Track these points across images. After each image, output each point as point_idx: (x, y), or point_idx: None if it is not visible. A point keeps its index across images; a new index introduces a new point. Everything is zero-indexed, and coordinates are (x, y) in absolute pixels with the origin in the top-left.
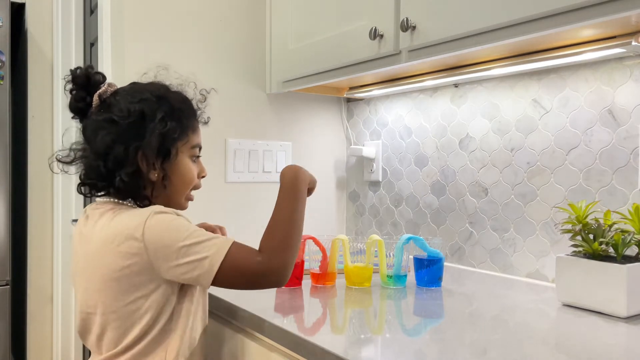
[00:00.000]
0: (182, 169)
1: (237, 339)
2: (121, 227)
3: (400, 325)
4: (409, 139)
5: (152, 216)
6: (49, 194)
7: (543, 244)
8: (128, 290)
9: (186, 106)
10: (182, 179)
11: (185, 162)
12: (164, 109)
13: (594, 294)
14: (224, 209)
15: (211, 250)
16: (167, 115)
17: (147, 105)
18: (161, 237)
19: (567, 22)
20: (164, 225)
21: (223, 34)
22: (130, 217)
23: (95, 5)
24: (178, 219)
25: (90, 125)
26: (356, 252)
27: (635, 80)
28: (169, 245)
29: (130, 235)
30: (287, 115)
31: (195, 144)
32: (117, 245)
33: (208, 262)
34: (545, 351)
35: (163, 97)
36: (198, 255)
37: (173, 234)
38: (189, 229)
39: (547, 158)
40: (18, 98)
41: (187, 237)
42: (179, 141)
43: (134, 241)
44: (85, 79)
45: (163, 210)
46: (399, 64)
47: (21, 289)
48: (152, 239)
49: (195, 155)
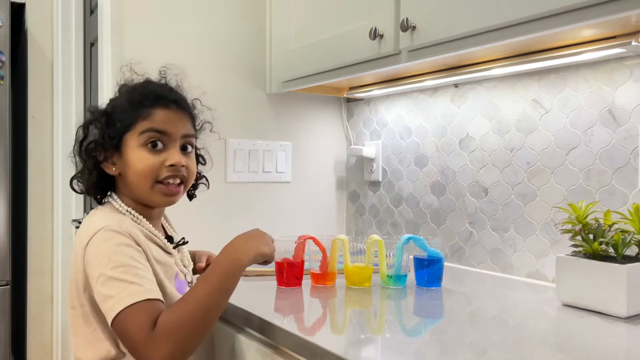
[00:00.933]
0: (131, 160)
1: (237, 339)
2: (82, 230)
3: (400, 325)
4: (409, 139)
5: (103, 232)
6: (49, 194)
7: (543, 244)
8: (85, 290)
9: (135, 94)
10: (133, 169)
11: (134, 151)
12: (114, 102)
13: (594, 294)
14: (224, 209)
15: (120, 295)
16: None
17: (110, 103)
18: (94, 257)
19: (567, 22)
20: (104, 246)
21: (223, 34)
22: (94, 222)
23: (95, 5)
24: (122, 246)
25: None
26: (356, 252)
27: (635, 80)
28: (95, 266)
29: (81, 242)
30: (287, 115)
31: (145, 128)
32: (76, 245)
33: (111, 303)
34: (545, 351)
35: (127, 91)
36: (109, 291)
37: (105, 259)
38: (121, 261)
39: (547, 158)
40: (18, 98)
41: (113, 269)
42: (125, 132)
43: (81, 248)
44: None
45: (116, 230)
46: (399, 64)
47: (21, 289)
48: (89, 254)
49: (149, 141)
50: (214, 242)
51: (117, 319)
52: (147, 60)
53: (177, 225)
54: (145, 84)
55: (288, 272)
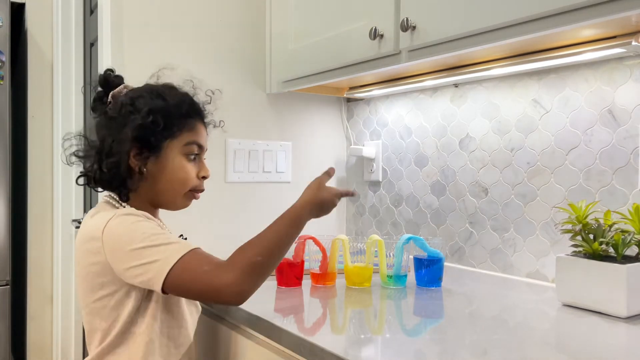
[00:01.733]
0: (172, 166)
1: (237, 339)
2: (90, 226)
3: (400, 325)
4: (409, 139)
5: (115, 217)
6: (49, 194)
7: (543, 244)
8: (94, 287)
9: (184, 104)
10: (170, 176)
11: (175, 159)
12: (154, 103)
13: (594, 294)
14: (224, 209)
15: (164, 254)
16: (155, 110)
17: (141, 101)
18: (118, 238)
19: (567, 22)
20: (123, 227)
21: (223, 34)
22: (100, 216)
23: (95, 5)
24: (141, 221)
25: (97, 121)
26: (356, 252)
27: (635, 80)
28: (123, 247)
29: (93, 234)
30: (287, 115)
31: (190, 141)
32: (84, 243)
33: (158, 265)
34: (545, 351)
35: (160, 94)
36: (150, 258)
37: (129, 236)
38: (147, 232)
39: (547, 158)
40: (18, 98)
41: (142, 240)
42: (168, 137)
43: (95, 241)
44: (103, 80)
45: (130, 212)
46: (399, 64)
47: (21, 289)
48: (109, 239)
49: (191, 153)
50: (214, 241)
51: (170, 277)
52: (147, 61)
53: (178, 224)
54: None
55: (288, 272)
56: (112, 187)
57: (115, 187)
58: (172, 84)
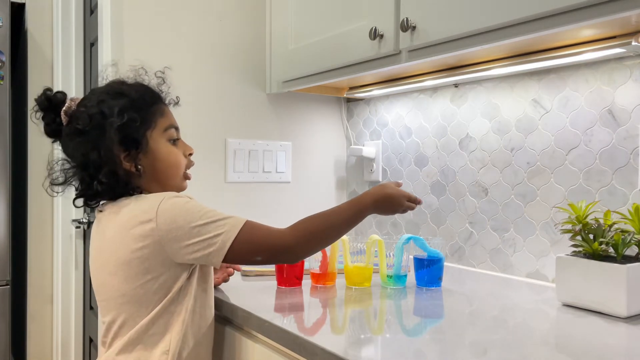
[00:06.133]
0: (162, 154)
1: (237, 339)
2: (136, 212)
3: (400, 325)
4: (409, 139)
5: (166, 200)
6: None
7: (543, 244)
8: (138, 273)
9: (146, 93)
10: (166, 163)
11: (163, 146)
12: (121, 103)
13: (594, 294)
14: (224, 208)
15: (225, 228)
16: (125, 108)
17: (105, 105)
18: (174, 219)
19: (567, 22)
20: (177, 208)
21: (223, 34)
22: (145, 202)
23: (95, 5)
24: (191, 202)
25: (66, 142)
26: (356, 252)
27: (635, 80)
28: (182, 226)
29: (143, 218)
30: (287, 115)
31: (167, 125)
32: (130, 229)
33: (221, 239)
34: (545, 351)
35: (119, 92)
36: (211, 233)
37: (186, 215)
38: (201, 210)
39: (547, 158)
40: (18, 98)
41: (200, 218)
42: (147, 129)
43: (147, 223)
44: (46, 102)
45: (176, 195)
46: (399, 64)
47: (21, 289)
48: (165, 220)
49: (172, 137)
50: None
51: (235, 245)
52: (147, 60)
53: None
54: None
55: (288, 272)
56: (118, 192)
57: (122, 190)
58: (119, 79)
